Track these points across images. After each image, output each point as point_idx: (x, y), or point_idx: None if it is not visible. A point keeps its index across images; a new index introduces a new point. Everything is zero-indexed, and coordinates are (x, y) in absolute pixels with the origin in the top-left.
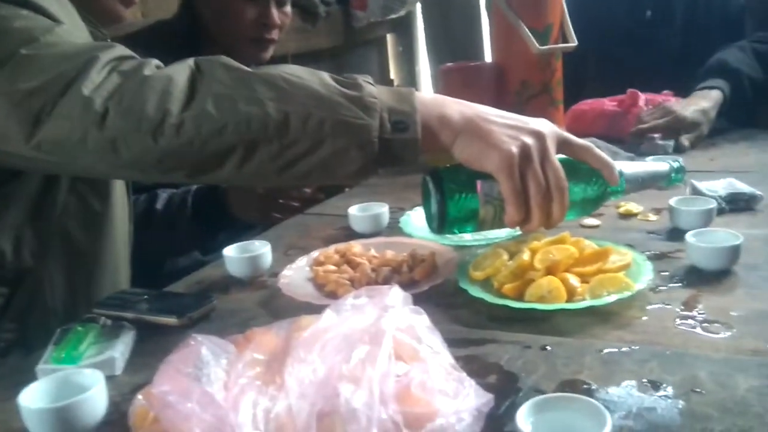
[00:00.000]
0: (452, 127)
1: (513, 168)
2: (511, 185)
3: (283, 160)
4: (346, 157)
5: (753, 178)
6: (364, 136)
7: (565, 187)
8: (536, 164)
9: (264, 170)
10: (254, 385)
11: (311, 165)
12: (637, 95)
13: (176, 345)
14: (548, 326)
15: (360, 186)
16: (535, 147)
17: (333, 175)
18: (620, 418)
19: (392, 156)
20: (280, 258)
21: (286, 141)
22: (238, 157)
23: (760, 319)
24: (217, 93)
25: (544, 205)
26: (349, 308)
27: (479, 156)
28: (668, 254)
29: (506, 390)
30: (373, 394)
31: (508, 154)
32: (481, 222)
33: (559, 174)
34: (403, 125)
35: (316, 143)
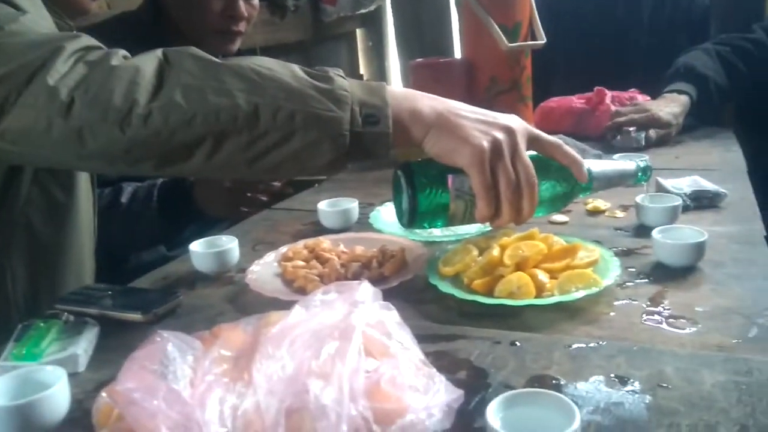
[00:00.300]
0: (423, 121)
1: (484, 163)
2: (482, 180)
3: (252, 152)
4: (317, 150)
5: (717, 176)
6: (335, 129)
7: (534, 183)
8: (507, 159)
9: (233, 162)
10: (221, 382)
11: (281, 157)
12: (605, 93)
13: (141, 341)
14: (517, 322)
15: (329, 181)
16: (505, 142)
17: (304, 167)
18: (588, 413)
19: (363, 150)
20: (248, 253)
21: (256, 133)
22: (206, 149)
23: (724, 315)
24: (185, 84)
25: (515, 200)
26: (319, 304)
27: (450, 150)
28: (635, 250)
29: (476, 385)
30: (343, 390)
31: (479, 148)
32: (451, 217)
33: (530, 170)
34: (374, 119)
35: (286, 135)
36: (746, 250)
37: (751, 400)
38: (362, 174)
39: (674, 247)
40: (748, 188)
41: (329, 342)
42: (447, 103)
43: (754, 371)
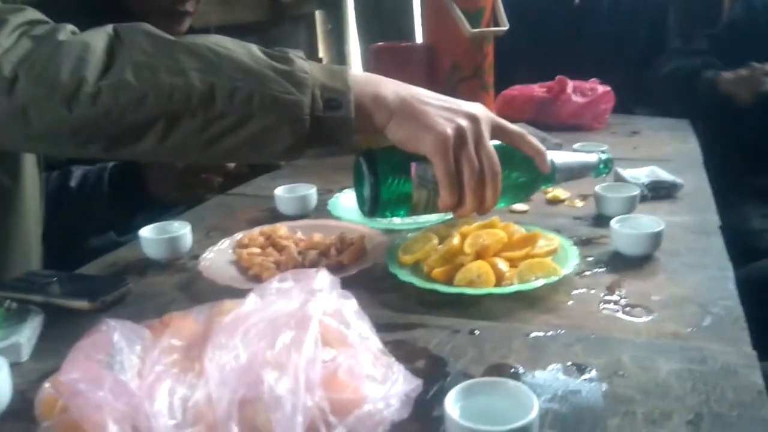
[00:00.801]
0: (387, 107)
1: (448, 150)
2: (446, 168)
3: (208, 134)
4: (276, 134)
5: (674, 166)
6: (294, 112)
7: (498, 172)
8: (471, 148)
9: (187, 144)
10: (171, 373)
11: (239, 141)
12: (566, 82)
13: (87, 330)
14: (477, 310)
15: (287, 166)
16: (470, 130)
17: (262, 152)
18: (546, 401)
19: (324, 135)
20: (201, 240)
21: (212, 114)
22: (159, 130)
23: (679, 304)
24: (137, 61)
25: (478, 189)
26: (274, 292)
27: (414, 137)
28: (593, 240)
29: (435, 375)
30: (299, 380)
31: (443, 136)
32: (414, 206)
33: (493, 159)
34: (335, 103)
35: (243, 118)
36: (701, 240)
37: (705, 388)
38: (321, 160)
39: (632, 237)
40: (703, 179)
41: (285, 331)
42: (411, 89)
43: (708, 359)
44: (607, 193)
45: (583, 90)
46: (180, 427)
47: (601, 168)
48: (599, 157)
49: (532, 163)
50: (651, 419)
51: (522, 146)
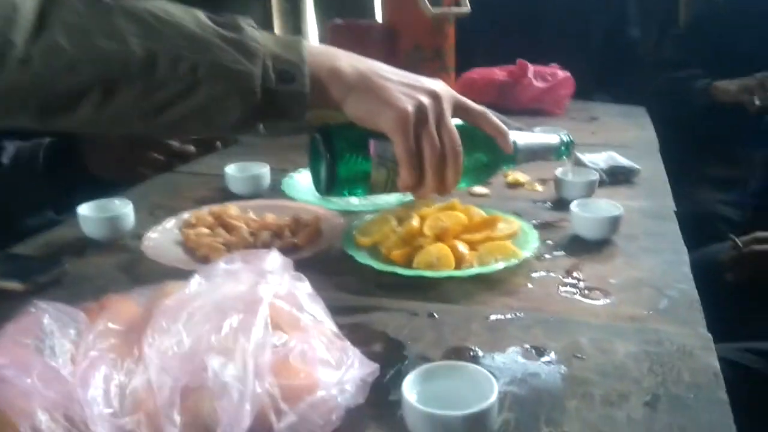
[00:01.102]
0: (344, 81)
1: (408, 128)
2: (406, 146)
3: (149, 104)
4: (224, 106)
5: (631, 152)
6: (244, 83)
7: (460, 151)
8: (432, 126)
9: (127, 114)
10: (107, 358)
11: (183, 112)
12: (527, 66)
13: (19, 313)
14: (436, 293)
15: (238, 144)
16: (431, 108)
17: (209, 125)
18: (505, 383)
19: (276, 109)
20: (145, 219)
21: (153, 83)
22: (95, 99)
23: (636, 287)
24: (70, 24)
25: (439, 169)
26: (221, 274)
27: (373, 114)
28: (553, 223)
29: (392, 358)
30: (247, 366)
31: (403, 112)
32: (372, 185)
33: (455, 138)
34: (289, 75)
35: (188, 88)
36: (658, 225)
37: (662, 369)
38: (276, 138)
39: (591, 221)
40: (660, 165)
41: (232, 315)
42: (369, 63)
43: (665, 342)
44: (566, 177)
45: (543, 75)
46: (117, 416)
47: (563, 150)
48: (561, 139)
49: (494, 143)
50: (609, 401)
51: (484, 125)
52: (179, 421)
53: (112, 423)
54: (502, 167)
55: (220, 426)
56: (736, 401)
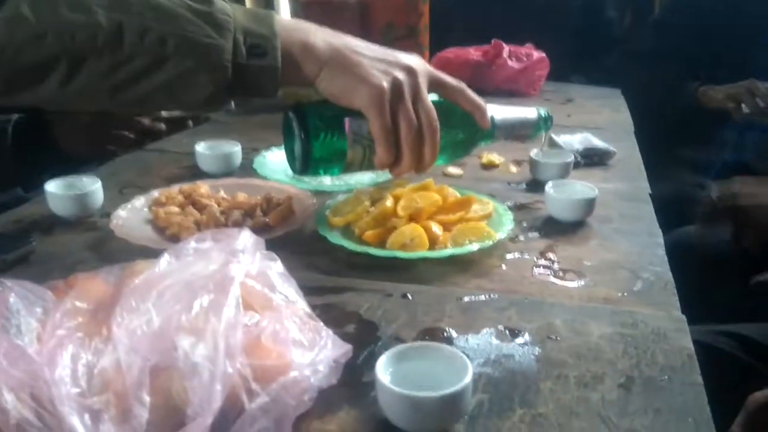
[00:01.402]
0: (317, 56)
1: (384, 104)
2: (382, 123)
3: (116, 78)
4: (193, 81)
5: (606, 134)
6: (214, 58)
7: (436, 128)
8: (408, 102)
9: (94, 89)
10: (75, 338)
11: (151, 87)
12: (501, 46)
13: None
14: (410, 274)
15: (209, 122)
16: (407, 83)
17: (178, 100)
18: (479, 365)
19: (247, 85)
20: (114, 197)
21: (120, 56)
22: (61, 72)
23: (610, 269)
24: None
25: (415, 146)
26: (191, 252)
27: (347, 90)
28: (527, 205)
29: (365, 339)
30: (217, 346)
31: (378, 89)
32: (348, 163)
33: (432, 114)
34: (260, 50)
35: (156, 62)
36: (632, 207)
37: (636, 351)
38: (247, 116)
39: (566, 203)
40: (635, 148)
41: (203, 294)
42: (343, 39)
43: (639, 324)
44: (541, 159)
45: (518, 55)
46: (84, 396)
47: (541, 125)
48: (539, 114)
49: (472, 119)
50: (583, 382)
51: (461, 101)
52: (148, 401)
53: (80, 403)
54: (480, 143)
55: (191, 406)
56: (708, 384)
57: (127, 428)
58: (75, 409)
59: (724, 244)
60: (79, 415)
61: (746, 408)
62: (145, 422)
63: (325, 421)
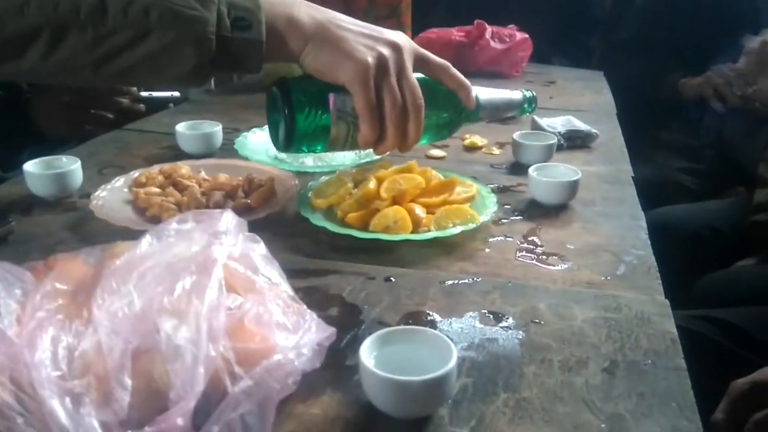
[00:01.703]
0: (302, 31)
1: (368, 80)
2: (366, 98)
3: (99, 51)
4: (178, 54)
5: (589, 117)
6: (198, 30)
7: (421, 105)
8: (393, 78)
9: (76, 62)
10: (55, 320)
11: (135, 60)
12: (484, 27)
13: None
14: (393, 257)
15: (190, 102)
16: (392, 59)
17: (161, 74)
18: (463, 349)
19: (232, 58)
20: (94, 177)
21: (103, 29)
22: (43, 44)
23: (594, 252)
24: None
25: (400, 123)
26: (173, 234)
27: (332, 66)
28: (510, 188)
29: (348, 323)
30: (200, 329)
31: (363, 64)
32: (332, 141)
33: (416, 91)
34: (245, 23)
35: (139, 34)
36: (615, 190)
37: (620, 335)
38: (228, 96)
39: (549, 185)
40: (617, 130)
41: (185, 276)
42: (328, 13)
43: (623, 307)
44: (524, 141)
45: (501, 36)
46: (65, 379)
47: (525, 106)
48: (524, 95)
49: (456, 98)
50: (567, 366)
51: (446, 79)
52: (130, 384)
53: (60, 386)
54: (464, 123)
55: (173, 390)
56: (690, 369)
57: (108, 412)
58: (55, 393)
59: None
60: (59, 399)
61: (729, 395)
62: (126, 405)
63: (308, 404)
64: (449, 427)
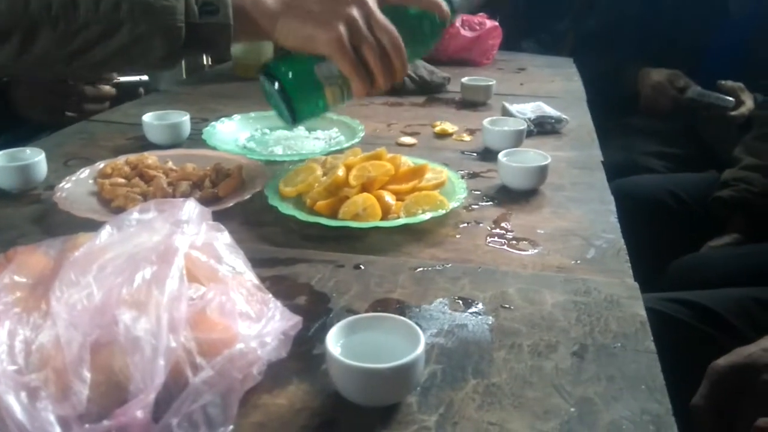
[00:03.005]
0: (269, 11)
1: (344, 46)
2: (349, 62)
3: (73, 45)
4: (149, 45)
5: (559, 103)
6: (168, 20)
7: (399, 43)
8: (365, 32)
9: (50, 57)
10: (12, 313)
11: (108, 52)
12: None
13: None
14: (362, 245)
15: (157, 93)
16: (359, 15)
17: (135, 62)
18: (432, 335)
19: (201, 42)
20: (59, 168)
21: (75, 25)
22: (16, 42)
23: (563, 237)
24: None
25: (385, 66)
26: (134, 223)
27: (307, 40)
28: (481, 173)
29: (316, 311)
30: (160, 320)
31: (336, 34)
32: (331, 103)
33: (391, 33)
34: (212, 7)
35: (111, 28)
36: (585, 175)
37: (589, 319)
38: (196, 86)
39: (519, 170)
40: (587, 116)
41: (145, 266)
42: None
43: (593, 291)
44: (494, 127)
45: (471, 24)
46: (22, 373)
47: None
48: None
49: (427, 12)
50: (537, 351)
51: (413, 4)
52: (89, 378)
53: (17, 380)
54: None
55: (133, 382)
56: (662, 351)
57: (67, 406)
58: (11, 387)
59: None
60: (15, 393)
61: (708, 377)
62: (85, 399)
63: (274, 394)
64: (418, 415)
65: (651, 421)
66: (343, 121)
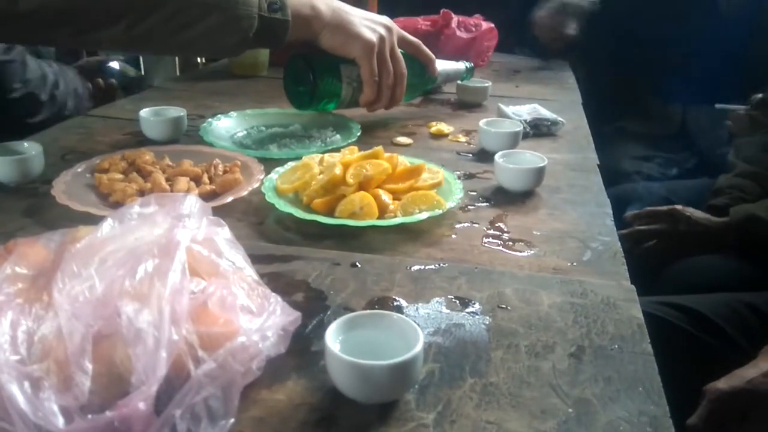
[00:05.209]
0: (322, 17)
1: (373, 55)
2: (371, 69)
3: (171, 25)
4: (230, 29)
5: (554, 105)
6: (247, 10)
7: (405, 74)
8: (387, 54)
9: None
10: (14, 304)
11: (196, 34)
12: (450, 16)
13: None
14: (359, 243)
15: (154, 89)
16: (387, 39)
17: (214, 46)
18: (429, 334)
19: (265, 35)
20: (56, 163)
21: (179, 6)
22: (131, 19)
23: (560, 238)
24: None
25: (391, 88)
26: (135, 217)
27: (344, 44)
28: (477, 174)
29: (314, 308)
30: (163, 312)
31: (370, 43)
32: (342, 100)
33: (402, 64)
34: (276, 6)
35: (205, 11)
36: (581, 177)
37: (586, 321)
38: (192, 83)
39: (515, 172)
40: (582, 119)
41: (147, 259)
42: (334, 2)
43: (589, 293)
44: (490, 129)
45: (467, 25)
46: (24, 363)
47: (465, 75)
48: (465, 66)
49: (424, 67)
50: (534, 352)
51: (419, 54)
52: (91, 369)
53: (19, 371)
54: (428, 86)
55: (135, 374)
56: (655, 354)
57: (69, 396)
58: (14, 377)
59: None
60: (18, 383)
61: (707, 399)
62: (87, 390)
63: (273, 390)
64: (415, 413)
65: (648, 422)
66: (340, 120)
